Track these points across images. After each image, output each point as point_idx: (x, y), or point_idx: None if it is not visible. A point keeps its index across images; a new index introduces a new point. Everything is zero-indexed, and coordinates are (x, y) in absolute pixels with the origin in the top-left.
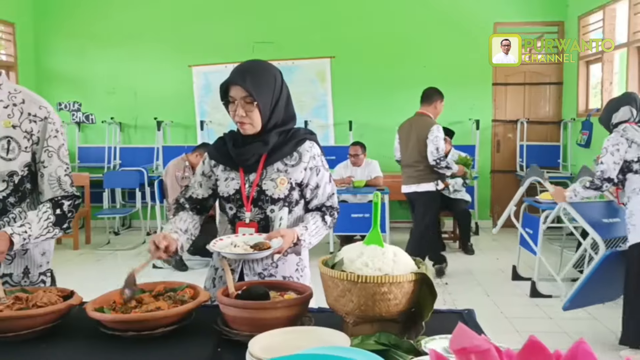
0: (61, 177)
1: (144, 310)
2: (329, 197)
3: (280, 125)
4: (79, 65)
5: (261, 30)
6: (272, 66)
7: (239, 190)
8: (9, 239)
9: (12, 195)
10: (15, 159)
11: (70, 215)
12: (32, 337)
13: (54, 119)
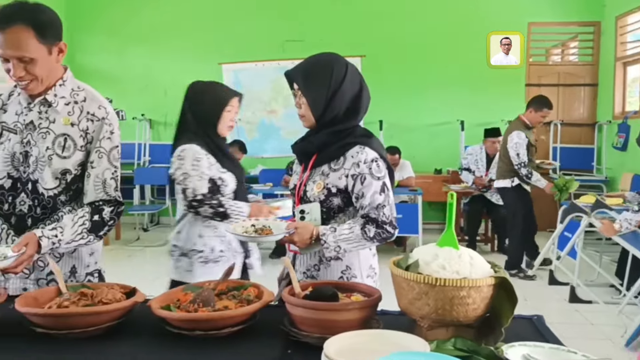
0: (107, 180)
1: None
2: (377, 209)
3: (336, 123)
4: (112, 62)
5: (291, 28)
6: (336, 60)
7: (296, 186)
8: (38, 242)
9: (63, 194)
10: (70, 157)
11: (110, 222)
12: (97, 333)
13: (111, 121)
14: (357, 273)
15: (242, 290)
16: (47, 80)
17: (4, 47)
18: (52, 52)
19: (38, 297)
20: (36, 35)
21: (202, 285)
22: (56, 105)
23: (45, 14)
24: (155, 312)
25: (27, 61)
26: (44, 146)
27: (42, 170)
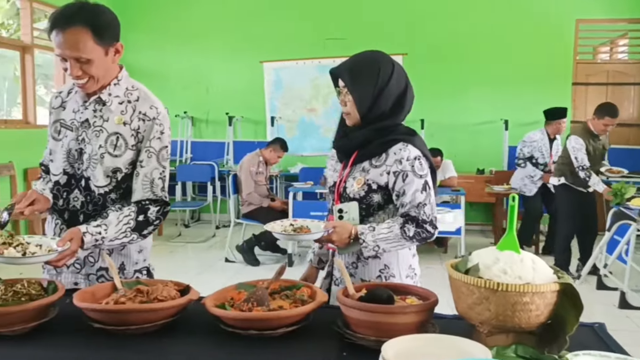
0: (155, 180)
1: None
2: (418, 207)
3: (380, 121)
4: (155, 60)
5: (333, 26)
6: (382, 58)
7: (335, 183)
8: (81, 239)
9: (113, 192)
10: (121, 156)
11: (156, 222)
12: (152, 330)
13: (161, 121)
14: (396, 272)
15: (294, 290)
16: (103, 80)
17: (62, 47)
18: (109, 53)
19: (95, 293)
20: (94, 36)
21: (256, 284)
22: (110, 104)
23: (104, 15)
24: (210, 311)
25: (84, 62)
26: (97, 144)
27: (94, 167)
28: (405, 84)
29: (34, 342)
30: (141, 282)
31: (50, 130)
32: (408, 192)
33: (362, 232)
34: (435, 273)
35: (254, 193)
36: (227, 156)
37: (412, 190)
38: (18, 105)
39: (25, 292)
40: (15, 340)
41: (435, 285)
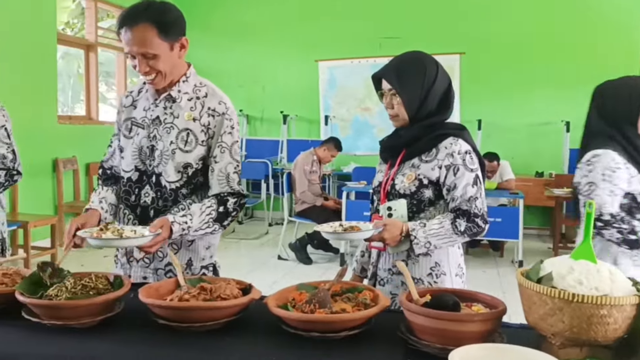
0: (230, 174)
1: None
2: (469, 201)
3: (428, 118)
4: (213, 58)
5: (388, 25)
6: (426, 58)
7: (381, 183)
8: (170, 228)
9: (184, 187)
10: (192, 152)
11: (234, 213)
12: (215, 328)
13: (231, 116)
14: (446, 270)
15: (356, 292)
16: (171, 76)
17: (130, 44)
18: (174, 48)
19: (159, 288)
20: (159, 32)
21: (317, 286)
22: (179, 101)
23: (169, 12)
24: (272, 311)
25: (150, 57)
26: (168, 140)
27: (165, 163)
28: (448, 82)
29: (100, 335)
30: (204, 279)
31: (120, 129)
32: (459, 186)
33: (414, 228)
34: (490, 277)
35: (307, 192)
36: (281, 154)
37: (463, 184)
38: (81, 102)
39: (93, 286)
40: (83, 332)
41: (491, 290)
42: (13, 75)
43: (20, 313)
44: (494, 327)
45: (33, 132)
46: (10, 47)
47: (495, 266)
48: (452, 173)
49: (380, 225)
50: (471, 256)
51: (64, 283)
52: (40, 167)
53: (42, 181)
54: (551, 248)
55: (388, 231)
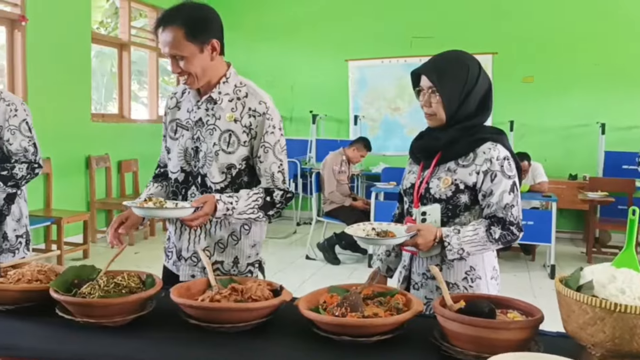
0: (274, 174)
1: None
2: (505, 209)
3: (467, 120)
4: (243, 57)
5: (420, 24)
6: (467, 57)
7: (413, 185)
8: (215, 205)
9: (229, 187)
10: (234, 153)
11: (279, 205)
12: (245, 329)
13: (272, 115)
14: (482, 274)
15: (388, 296)
16: (205, 77)
17: (162, 45)
18: (204, 50)
19: (190, 288)
20: (186, 34)
21: (348, 289)
22: (220, 103)
23: (198, 14)
24: (303, 313)
25: (180, 58)
26: (211, 142)
27: (210, 165)
28: (489, 84)
29: (131, 334)
30: (235, 280)
31: (167, 130)
32: (495, 193)
33: (447, 234)
34: (521, 281)
35: (336, 192)
36: (309, 154)
37: (499, 191)
38: (114, 100)
39: (126, 285)
40: (115, 331)
41: (522, 295)
42: (49, 74)
43: (54, 310)
44: (530, 335)
45: (67, 130)
46: (47, 47)
47: (526, 270)
48: (490, 179)
49: (414, 230)
50: (502, 259)
51: (97, 281)
52: (74, 164)
53: (75, 178)
54: (584, 252)
55: (422, 237)
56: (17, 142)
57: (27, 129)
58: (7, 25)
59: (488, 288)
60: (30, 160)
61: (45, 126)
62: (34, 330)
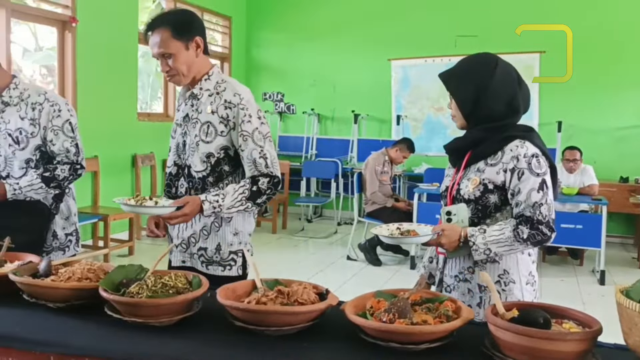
0: (256, 159)
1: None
2: (533, 207)
3: (488, 121)
4: (284, 57)
5: (464, 23)
6: (482, 59)
7: (448, 187)
8: (200, 205)
9: (210, 175)
10: (212, 142)
11: (268, 192)
12: (290, 333)
13: (246, 105)
14: (516, 278)
15: (437, 302)
16: (191, 73)
17: (151, 47)
18: (189, 48)
19: (236, 290)
20: (172, 33)
21: (396, 294)
22: (201, 97)
23: (182, 16)
24: (350, 318)
25: (168, 56)
26: (193, 134)
27: (192, 155)
28: (516, 83)
29: (178, 335)
30: (280, 282)
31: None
32: (523, 191)
33: (472, 234)
34: (569, 287)
35: (378, 192)
36: (351, 153)
37: (527, 189)
38: (158, 100)
39: (173, 285)
40: (161, 331)
41: (570, 301)
42: (98, 74)
43: (102, 308)
44: (589, 347)
45: (114, 129)
46: (96, 47)
47: (574, 275)
48: (517, 177)
49: (439, 230)
50: (548, 263)
51: (145, 281)
52: (121, 162)
53: (122, 176)
54: (636, 258)
55: (446, 236)
56: (59, 142)
57: (70, 129)
58: (59, 26)
59: (522, 293)
60: (72, 161)
61: (93, 125)
62: (84, 328)
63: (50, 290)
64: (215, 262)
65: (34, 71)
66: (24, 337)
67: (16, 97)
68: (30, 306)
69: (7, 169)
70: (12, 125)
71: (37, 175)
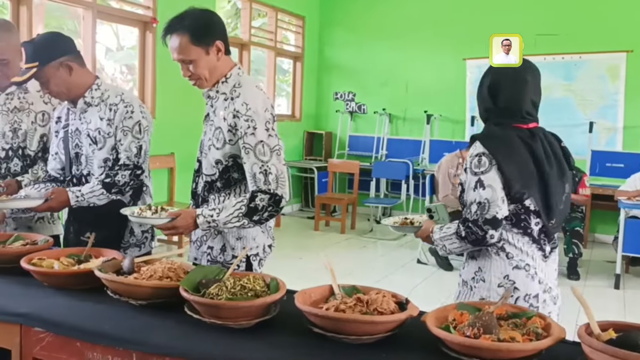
0: (256, 174)
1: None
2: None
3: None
4: (356, 56)
5: (545, 21)
6: None
7: None
8: (194, 219)
9: (218, 180)
10: (220, 149)
11: (269, 209)
12: (369, 342)
13: (252, 117)
14: (487, 278)
15: (524, 318)
16: (213, 77)
17: (171, 52)
18: (210, 52)
19: (312, 295)
20: (191, 39)
21: (481, 307)
22: (216, 101)
23: (201, 19)
24: (432, 331)
25: (188, 62)
26: (207, 136)
27: (205, 157)
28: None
29: (255, 338)
30: (358, 289)
31: None
32: (465, 189)
33: (435, 230)
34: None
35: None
36: (422, 155)
37: (466, 187)
38: None
39: (251, 287)
40: (239, 333)
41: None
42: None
43: (180, 307)
44: None
45: (190, 127)
46: None
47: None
48: (465, 176)
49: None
50: (631, 275)
51: (224, 283)
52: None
53: None
54: None
55: (421, 230)
56: (126, 142)
57: (139, 130)
58: (140, 27)
59: (490, 294)
60: (133, 163)
61: (170, 123)
62: (165, 327)
63: (133, 288)
64: (219, 262)
65: (114, 70)
66: (109, 334)
67: (97, 98)
68: (114, 302)
69: (88, 167)
70: (93, 125)
71: (98, 181)
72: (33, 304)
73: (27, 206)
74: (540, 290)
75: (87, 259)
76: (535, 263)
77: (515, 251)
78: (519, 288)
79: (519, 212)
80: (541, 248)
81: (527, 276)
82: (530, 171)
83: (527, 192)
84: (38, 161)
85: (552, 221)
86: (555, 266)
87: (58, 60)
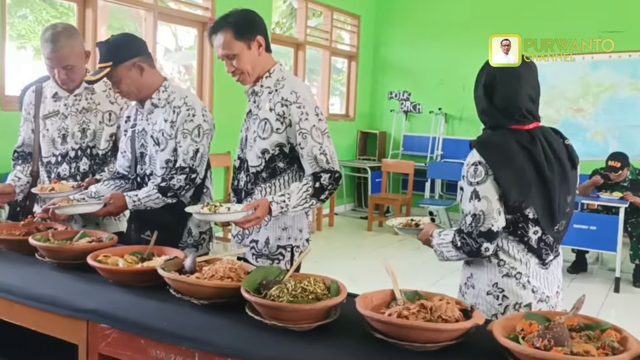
0: (317, 156)
1: None
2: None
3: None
4: (411, 55)
5: (609, 17)
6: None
7: None
8: (269, 207)
9: (264, 171)
10: (268, 139)
11: (329, 187)
12: (432, 349)
13: (302, 103)
14: (476, 284)
15: (597, 330)
16: (255, 72)
17: (216, 49)
18: (252, 47)
19: (373, 298)
20: (234, 34)
21: (551, 317)
22: (261, 95)
23: (242, 16)
24: (499, 341)
25: (232, 57)
26: (252, 130)
27: (250, 150)
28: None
29: (316, 341)
30: (420, 294)
31: None
32: (462, 198)
33: (434, 235)
34: None
35: None
36: None
37: (463, 197)
38: None
39: (312, 290)
40: (300, 336)
41: None
42: None
43: (241, 307)
44: None
45: None
46: None
47: None
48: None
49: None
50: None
51: (285, 284)
52: None
53: None
54: None
55: (422, 233)
56: (185, 145)
57: (198, 134)
58: (198, 27)
59: (478, 301)
60: (189, 166)
61: (227, 122)
62: (226, 327)
63: (195, 288)
64: (264, 255)
65: (172, 70)
66: (172, 332)
67: (164, 100)
68: (176, 301)
69: (151, 167)
70: (157, 127)
71: (154, 186)
72: (99, 300)
73: (86, 212)
74: (534, 299)
75: (150, 257)
76: (528, 271)
77: (508, 259)
78: (508, 296)
79: (517, 221)
80: (539, 256)
81: (517, 284)
82: (529, 179)
83: (525, 202)
84: (110, 159)
85: (557, 226)
86: (558, 274)
87: (131, 61)
